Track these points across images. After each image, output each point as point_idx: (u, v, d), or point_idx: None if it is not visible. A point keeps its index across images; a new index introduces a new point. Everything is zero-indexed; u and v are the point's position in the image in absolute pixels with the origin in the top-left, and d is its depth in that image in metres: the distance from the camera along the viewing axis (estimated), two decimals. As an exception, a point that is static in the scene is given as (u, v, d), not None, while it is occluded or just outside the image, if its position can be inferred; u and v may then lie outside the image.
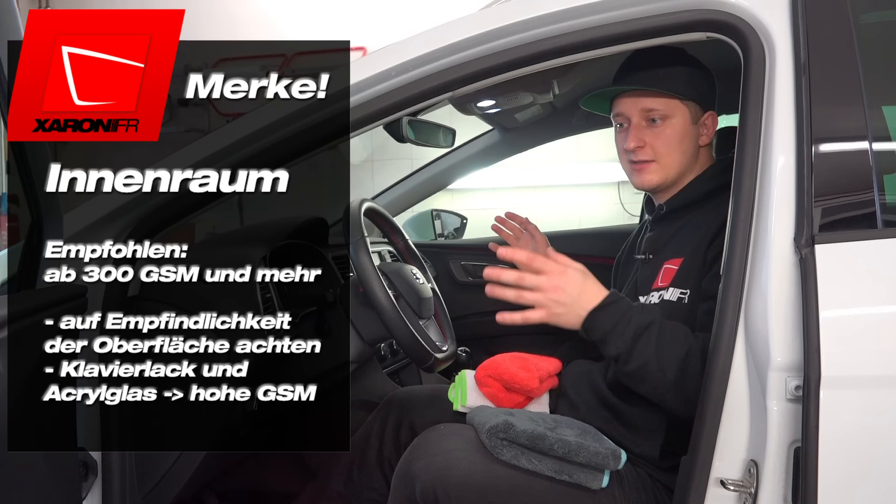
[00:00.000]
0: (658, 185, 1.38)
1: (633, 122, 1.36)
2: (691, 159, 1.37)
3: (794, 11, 1.09)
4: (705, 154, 1.40)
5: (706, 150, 1.40)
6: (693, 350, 1.14)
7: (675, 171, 1.37)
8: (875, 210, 1.05)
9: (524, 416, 1.27)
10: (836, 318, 1.00)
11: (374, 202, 1.61)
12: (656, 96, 1.34)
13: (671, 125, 1.34)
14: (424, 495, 1.20)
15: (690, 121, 1.36)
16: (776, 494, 1.03)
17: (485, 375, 1.37)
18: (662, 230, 1.39)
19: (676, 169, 1.37)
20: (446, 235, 2.64)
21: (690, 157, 1.37)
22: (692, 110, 1.36)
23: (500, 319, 1.16)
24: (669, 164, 1.36)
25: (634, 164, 1.38)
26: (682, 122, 1.35)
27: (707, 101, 1.38)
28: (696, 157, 1.38)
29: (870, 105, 1.07)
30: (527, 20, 1.16)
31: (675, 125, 1.34)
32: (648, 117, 1.35)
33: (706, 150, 1.40)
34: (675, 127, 1.34)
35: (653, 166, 1.36)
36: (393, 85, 1.18)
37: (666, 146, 1.35)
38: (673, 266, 1.31)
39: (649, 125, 1.35)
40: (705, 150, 1.40)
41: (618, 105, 1.38)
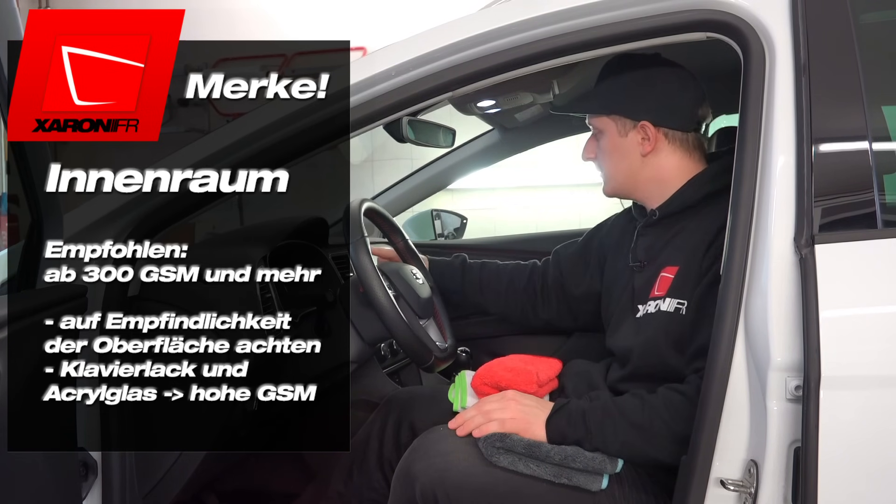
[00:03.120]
0: (611, 194, 1.44)
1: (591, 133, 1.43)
2: (633, 170, 1.37)
3: (794, 11, 1.09)
4: (669, 161, 1.36)
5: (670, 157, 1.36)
6: (658, 405, 1.18)
7: (616, 182, 1.41)
8: (875, 210, 1.05)
9: None
10: (836, 318, 1.00)
11: (374, 202, 1.61)
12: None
13: (603, 140, 1.40)
14: (424, 496, 1.20)
15: (618, 134, 1.37)
16: (776, 494, 1.03)
17: (481, 384, 1.37)
18: (656, 237, 1.38)
19: (619, 180, 1.40)
20: (446, 235, 2.63)
21: (630, 169, 1.38)
22: (619, 124, 1.37)
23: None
24: (610, 176, 1.41)
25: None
26: (611, 137, 1.38)
27: (637, 112, 1.35)
28: (644, 167, 1.36)
29: (870, 105, 1.07)
30: (527, 20, 1.16)
31: (605, 140, 1.39)
32: (594, 131, 1.42)
33: (670, 158, 1.36)
34: (605, 142, 1.39)
35: (602, 176, 1.43)
36: (393, 85, 1.18)
37: (603, 158, 1.41)
38: (669, 275, 1.31)
39: (597, 138, 1.42)
40: (669, 158, 1.36)
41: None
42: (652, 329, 1.29)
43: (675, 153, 1.37)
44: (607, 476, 1.20)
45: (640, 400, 1.21)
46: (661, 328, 1.28)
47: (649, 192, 1.39)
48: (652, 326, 1.29)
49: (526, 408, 1.27)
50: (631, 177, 1.39)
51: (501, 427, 1.24)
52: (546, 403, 1.29)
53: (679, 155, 1.37)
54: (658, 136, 1.35)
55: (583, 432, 1.22)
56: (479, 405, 1.30)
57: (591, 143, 1.43)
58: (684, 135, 1.36)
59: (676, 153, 1.37)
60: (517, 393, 1.31)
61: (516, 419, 1.25)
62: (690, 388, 1.16)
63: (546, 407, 1.27)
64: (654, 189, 1.38)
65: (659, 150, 1.36)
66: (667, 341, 1.26)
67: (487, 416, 1.26)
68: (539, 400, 1.31)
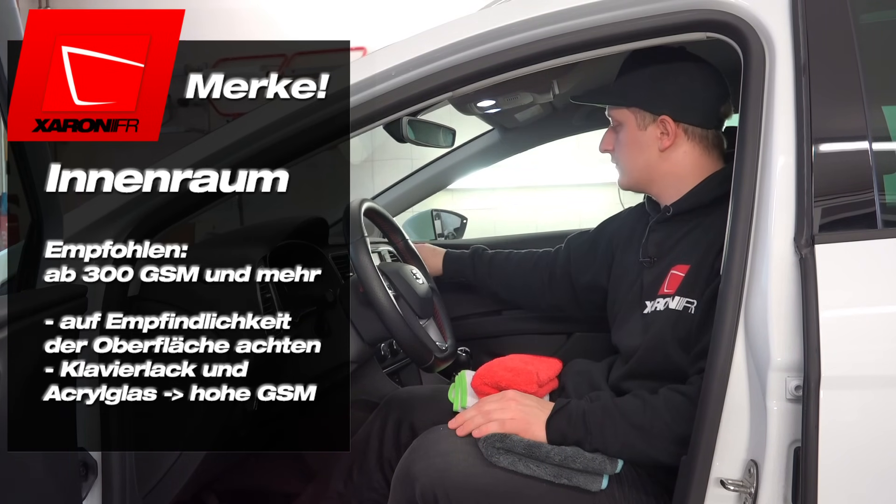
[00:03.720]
0: (626, 188, 1.43)
1: (610, 125, 1.42)
2: (649, 164, 1.36)
3: (794, 11, 1.09)
4: (687, 158, 1.34)
5: (689, 154, 1.34)
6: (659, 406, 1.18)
7: (632, 176, 1.40)
8: (875, 210, 1.04)
9: None
10: (836, 318, 1.00)
11: (374, 202, 1.61)
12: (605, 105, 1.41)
13: (622, 132, 1.39)
14: (424, 497, 1.20)
15: (637, 127, 1.36)
16: (776, 494, 1.03)
17: (481, 384, 1.37)
18: (668, 233, 1.37)
19: (636, 174, 1.39)
20: (446, 235, 2.63)
21: (647, 163, 1.36)
22: (638, 116, 1.36)
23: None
24: (627, 170, 1.40)
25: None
26: (630, 129, 1.37)
27: (657, 105, 1.34)
28: (661, 162, 1.35)
29: (870, 105, 1.07)
30: (527, 20, 1.16)
31: (624, 132, 1.38)
32: (614, 123, 1.41)
33: (689, 154, 1.34)
34: (624, 134, 1.38)
35: (618, 169, 1.42)
36: (393, 85, 1.18)
37: (621, 151, 1.40)
38: (679, 273, 1.30)
39: (616, 130, 1.41)
40: (687, 155, 1.34)
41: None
42: (659, 326, 1.29)
43: (694, 150, 1.35)
44: (607, 476, 1.20)
45: (642, 401, 1.21)
46: (668, 326, 1.27)
47: (665, 188, 1.38)
48: (659, 324, 1.29)
49: (526, 408, 1.27)
50: (647, 171, 1.38)
51: (501, 427, 1.24)
52: (546, 404, 1.29)
53: (698, 152, 1.35)
54: (678, 131, 1.34)
55: (583, 433, 1.22)
56: (479, 405, 1.30)
57: (610, 134, 1.42)
58: (704, 132, 1.35)
59: (695, 150, 1.35)
60: (517, 393, 1.31)
61: (516, 419, 1.25)
62: (692, 389, 1.16)
63: (546, 407, 1.27)
64: (670, 184, 1.37)
65: (678, 145, 1.35)
66: (673, 339, 1.26)
67: (487, 417, 1.26)
68: (539, 400, 1.31)
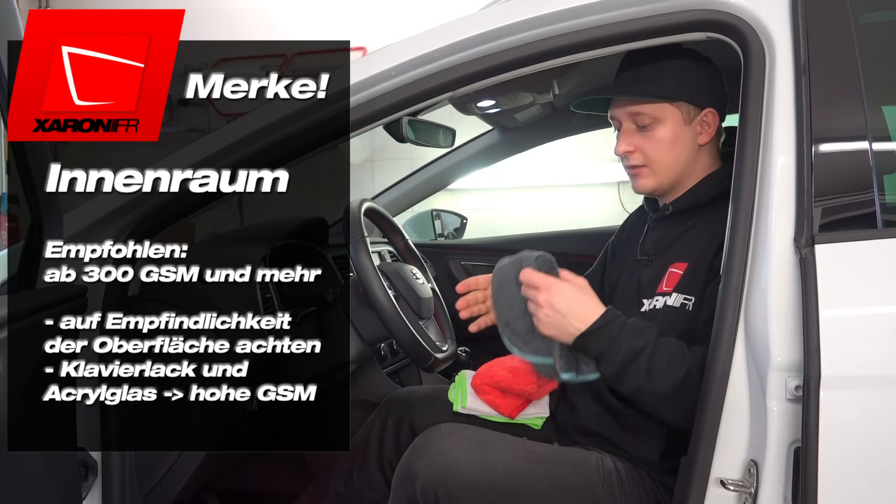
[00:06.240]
0: (654, 190, 1.34)
1: (624, 126, 1.32)
2: (688, 161, 1.31)
3: (794, 11, 1.09)
4: (708, 153, 1.33)
5: (709, 148, 1.33)
6: (691, 369, 1.13)
7: (669, 175, 1.32)
8: (875, 210, 1.05)
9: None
10: (836, 318, 1.00)
11: (374, 202, 1.61)
12: (644, 101, 1.30)
13: (661, 129, 1.29)
14: (425, 495, 1.20)
15: (683, 122, 1.30)
16: (776, 494, 1.03)
17: (481, 383, 1.37)
18: (667, 231, 1.36)
19: (671, 173, 1.31)
20: (446, 235, 2.64)
21: (687, 159, 1.31)
22: (684, 111, 1.29)
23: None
24: (661, 169, 1.31)
25: (629, 169, 1.35)
26: (673, 125, 1.29)
27: (703, 98, 1.30)
28: (696, 157, 1.32)
29: (870, 105, 1.07)
30: (527, 20, 1.16)
31: (665, 129, 1.29)
32: (638, 122, 1.30)
33: (709, 149, 1.33)
34: (664, 131, 1.29)
35: (645, 171, 1.32)
36: (393, 85, 1.18)
37: (656, 151, 1.30)
38: (678, 270, 1.29)
39: (639, 129, 1.31)
40: (708, 149, 1.33)
41: (611, 108, 1.35)
42: (657, 323, 1.28)
43: (714, 146, 1.34)
44: (572, 374, 1.16)
45: (683, 360, 1.15)
46: (665, 323, 1.27)
47: (681, 186, 1.34)
48: (657, 321, 1.28)
49: (563, 317, 1.16)
50: (683, 167, 1.32)
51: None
52: (584, 318, 1.16)
53: (712, 148, 1.34)
54: (717, 124, 1.31)
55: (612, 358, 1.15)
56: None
57: (630, 134, 1.32)
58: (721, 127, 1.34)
59: (714, 146, 1.34)
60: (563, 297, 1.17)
61: (551, 318, 1.16)
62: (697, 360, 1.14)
63: (585, 323, 1.16)
64: (683, 182, 1.34)
65: (710, 140, 1.32)
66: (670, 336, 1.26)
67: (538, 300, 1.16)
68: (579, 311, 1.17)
